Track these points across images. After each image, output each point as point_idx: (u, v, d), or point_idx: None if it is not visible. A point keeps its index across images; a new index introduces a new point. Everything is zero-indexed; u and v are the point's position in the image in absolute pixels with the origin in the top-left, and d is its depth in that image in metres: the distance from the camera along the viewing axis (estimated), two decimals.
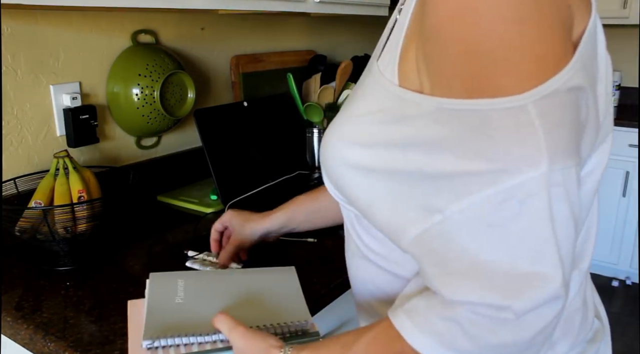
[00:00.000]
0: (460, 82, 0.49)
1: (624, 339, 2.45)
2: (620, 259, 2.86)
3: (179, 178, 1.50)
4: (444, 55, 0.49)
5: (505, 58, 0.46)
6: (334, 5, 1.52)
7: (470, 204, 0.48)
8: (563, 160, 0.47)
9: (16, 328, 0.84)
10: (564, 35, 0.48)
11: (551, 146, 0.46)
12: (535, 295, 0.47)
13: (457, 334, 0.49)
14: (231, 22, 1.62)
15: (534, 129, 0.46)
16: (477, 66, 0.47)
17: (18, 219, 1.00)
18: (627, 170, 2.74)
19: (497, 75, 0.47)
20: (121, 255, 1.09)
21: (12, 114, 1.13)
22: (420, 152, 0.51)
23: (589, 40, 0.51)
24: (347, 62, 1.77)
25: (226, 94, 1.66)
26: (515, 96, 0.46)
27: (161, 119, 1.32)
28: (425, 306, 0.52)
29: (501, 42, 0.46)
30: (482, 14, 0.46)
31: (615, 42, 3.14)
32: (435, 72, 0.51)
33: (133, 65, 1.28)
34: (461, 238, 0.49)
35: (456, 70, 0.49)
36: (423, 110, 0.52)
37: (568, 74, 0.47)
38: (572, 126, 0.48)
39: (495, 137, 0.47)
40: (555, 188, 0.47)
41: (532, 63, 0.46)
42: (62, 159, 1.07)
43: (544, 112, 0.46)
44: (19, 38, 1.12)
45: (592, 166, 0.60)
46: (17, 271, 1.01)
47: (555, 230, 0.48)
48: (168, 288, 0.73)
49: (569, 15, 0.49)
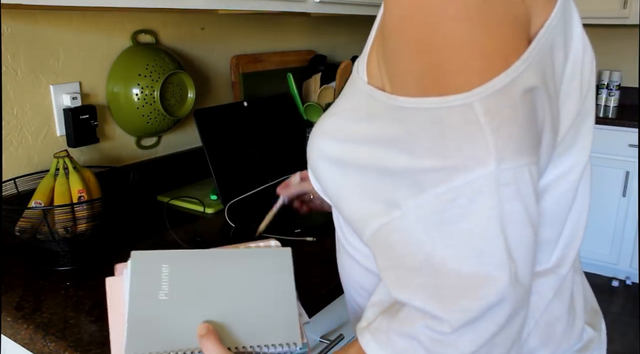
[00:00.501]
0: (413, 80, 0.49)
1: (624, 339, 2.45)
2: (620, 259, 2.86)
3: (179, 178, 1.50)
4: (398, 54, 0.50)
5: (452, 56, 0.47)
6: (334, 5, 1.52)
7: (424, 200, 0.49)
8: (514, 158, 0.46)
9: (16, 328, 0.84)
10: (515, 32, 0.48)
11: (499, 144, 0.46)
12: (471, 304, 0.47)
13: (417, 350, 0.50)
14: (231, 22, 1.62)
15: (480, 127, 0.46)
16: (427, 65, 0.48)
17: (18, 219, 1.00)
18: (627, 170, 2.74)
19: (445, 73, 0.47)
20: (121, 255, 1.09)
21: (12, 114, 1.13)
22: (381, 149, 0.53)
23: (546, 35, 0.50)
24: (347, 62, 1.77)
25: (226, 94, 1.66)
26: (462, 93, 0.46)
27: (161, 119, 1.32)
28: (388, 323, 0.54)
29: (448, 41, 0.46)
30: (431, 13, 0.46)
31: (615, 42, 3.14)
32: (392, 71, 0.52)
33: (133, 65, 1.28)
34: (416, 234, 0.50)
35: (409, 69, 0.49)
36: (384, 108, 0.53)
37: (517, 71, 0.47)
38: (525, 124, 0.47)
39: (446, 135, 0.47)
40: (506, 187, 0.47)
41: (479, 60, 0.46)
42: (62, 159, 1.07)
43: (490, 110, 0.46)
44: (19, 38, 1.12)
45: (567, 167, 0.58)
46: (17, 271, 1.01)
47: (505, 230, 0.47)
48: (151, 278, 0.66)
49: (523, 12, 0.49)
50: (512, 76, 0.46)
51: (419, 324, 0.50)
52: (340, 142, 0.59)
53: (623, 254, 2.85)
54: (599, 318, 0.72)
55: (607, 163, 2.77)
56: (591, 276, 2.98)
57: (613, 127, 2.73)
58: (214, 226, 1.23)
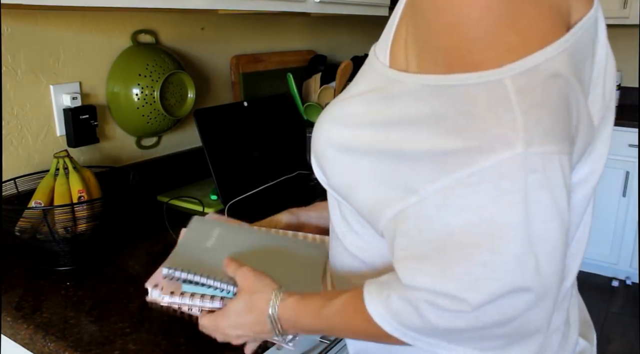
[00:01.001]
0: (442, 56, 0.47)
1: (624, 339, 2.45)
2: (620, 259, 2.86)
3: (179, 178, 1.50)
4: (429, 29, 0.48)
5: (487, 31, 0.44)
6: (334, 5, 1.52)
7: (444, 185, 0.46)
8: (543, 144, 0.43)
9: (16, 328, 0.84)
10: (553, 14, 0.46)
11: (529, 126, 0.43)
12: (492, 288, 0.45)
13: (411, 316, 0.49)
14: (231, 22, 1.62)
15: (510, 105, 0.43)
16: (459, 39, 0.46)
17: (18, 219, 1.00)
18: (627, 170, 2.74)
19: (477, 48, 0.45)
20: (121, 255, 1.09)
21: (12, 114, 1.13)
22: (400, 131, 0.50)
23: (583, 30, 0.48)
24: (347, 62, 1.77)
25: (226, 94, 1.66)
26: (493, 70, 0.44)
27: (161, 119, 1.32)
28: (392, 282, 0.52)
29: (483, 14, 0.44)
30: None
31: (615, 42, 3.13)
32: (421, 48, 0.51)
33: (133, 65, 1.28)
34: (433, 221, 0.47)
35: (439, 44, 0.47)
36: (406, 88, 0.51)
37: (554, 52, 0.45)
38: (557, 109, 0.44)
39: (474, 113, 0.44)
40: (533, 174, 0.44)
41: (515, 36, 0.44)
42: (62, 159, 1.07)
43: (521, 88, 0.43)
44: (19, 38, 1.12)
45: (586, 174, 0.55)
46: (17, 271, 1.01)
47: (529, 218, 0.44)
48: (204, 232, 0.80)
49: (564, 2, 0.47)
50: (547, 56, 0.44)
51: (419, 293, 0.48)
52: (352, 128, 0.56)
53: (623, 254, 2.84)
54: (591, 329, 0.71)
55: (607, 163, 2.73)
56: (591, 276, 2.98)
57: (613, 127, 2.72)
58: None
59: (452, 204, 0.46)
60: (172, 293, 0.71)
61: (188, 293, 0.71)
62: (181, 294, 0.71)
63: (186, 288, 0.71)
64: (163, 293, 0.71)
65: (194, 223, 0.81)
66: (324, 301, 0.60)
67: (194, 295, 0.71)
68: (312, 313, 0.61)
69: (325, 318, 0.60)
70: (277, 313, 0.63)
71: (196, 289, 0.71)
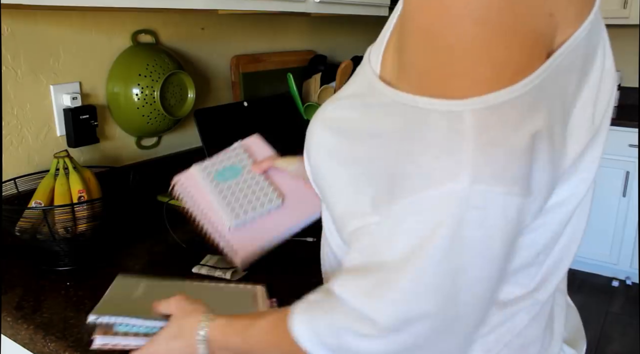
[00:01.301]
0: (415, 75, 0.47)
1: (624, 339, 2.45)
2: (620, 259, 2.86)
3: None
4: (408, 45, 0.48)
5: (461, 58, 0.43)
6: (334, 5, 1.52)
7: (396, 209, 0.47)
8: (489, 183, 0.43)
9: (16, 328, 0.84)
10: (533, 46, 0.44)
11: (479, 162, 0.42)
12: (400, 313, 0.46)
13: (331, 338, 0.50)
14: (231, 22, 1.62)
15: (463, 139, 0.42)
16: (433, 61, 0.45)
17: (18, 219, 1.00)
18: (627, 170, 2.74)
19: (449, 74, 0.44)
20: (121, 255, 1.09)
21: (12, 114, 1.13)
22: (371, 145, 0.51)
23: (564, 56, 0.46)
24: (347, 62, 1.78)
25: (226, 94, 1.66)
26: (457, 100, 0.43)
27: (161, 119, 1.32)
28: (320, 302, 0.53)
29: (460, 41, 0.43)
30: (449, 8, 0.43)
31: (615, 42, 3.12)
32: (401, 63, 0.50)
33: (133, 65, 1.28)
34: (383, 243, 0.48)
35: (415, 62, 0.47)
36: (381, 100, 0.51)
37: (522, 90, 0.43)
38: (516, 150, 0.43)
39: (429, 140, 0.44)
40: (472, 211, 0.43)
41: (487, 68, 0.43)
42: (62, 159, 1.07)
43: (480, 125, 0.42)
44: (19, 38, 1.12)
45: (563, 197, 0.53)
46: (17, 271, 1.01)
47: (452, 252, 0.44)
48: (129, 286, 0.82)
49: (549, 24, 0.45)
50: (513, 95, 0.43)
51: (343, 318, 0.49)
52: (336, 134, 0.57)
53: (623, 254, 2.85)
54: (582, 337, 0.70)
55: (607, 163, 2.77)
56: (591, 276, 2.98)
57: (613, 127, 2.73)
58: None
59: (399, 228, 0.47)
60: (105, 332, 0.71)
61: (121, 332, 0.71)
62: (114, 333, 0.71)
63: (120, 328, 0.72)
64: (96, 334, 0.71)
65: (118, 279, 0.84)
66: (251, 321, 0.61)
67: (128, 334, 0.71)
68: (240, 332, 0.61)
69: (251, 337, 0.59)
70: (207, 335, 0.62)
71: (128, 329, 0.72)
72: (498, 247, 0.45)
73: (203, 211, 0.86)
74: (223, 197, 0.85)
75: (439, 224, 0.44)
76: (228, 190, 0.87)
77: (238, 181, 0.88)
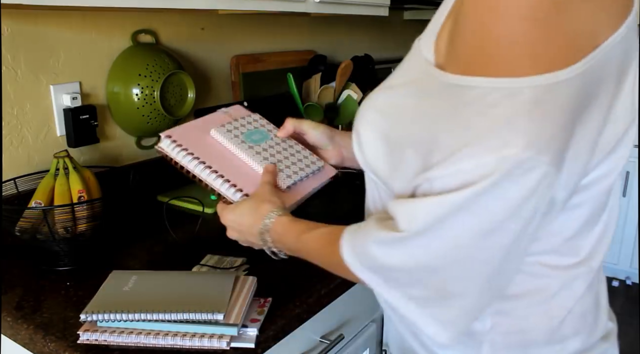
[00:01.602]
0: (465, 58, 0.53)
1: (624, 339, 2.44)
2: (620, 259, 2.86)
3: (179, 178, 1.49)
4: (461, 31, 0.54)
5: (507, 49, 0.49)
6: (334, 5, 1.52)
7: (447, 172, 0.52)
8: (538, 151, 0.48)
9: (16, 328, 0.84)
10: (571, 45, 0.49)
11: (531, 132, 0.48)
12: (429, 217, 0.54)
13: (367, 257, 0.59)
14: (231, 22, 1.62)
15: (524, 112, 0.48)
16: (481, 48, 0.51)
17: (18, 219, 1.00)
18: (627, 170, 2.74)
19: (497, 60, 0.50)
20: (121, 255, 1.09)
21: (12, 114, 1.13)
22: (428, 128, 0.56)
23: (602, 54, 0.51)
24: (347, 62, 1.77)
25: (226, 94, 1.66)
26: (513, 78, 0.48)
27: (161, 119, 1.32)
28: (367, 230, 0.61)
29: (507, 34, 0.49)
30: (500, 4, 0.49)
31: None
32: (452, 48, 0.56)
33: (133, 65, 1.28)
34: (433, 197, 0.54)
35: (465, 46, 0.53)
36: (435, 84, 0.56)
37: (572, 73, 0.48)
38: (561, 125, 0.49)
39: (487, 114, 0.49)
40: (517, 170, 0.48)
41: (527, 60, 0.49)
42: (62, 159, 1.07)
43: (537, 100, 0.48)
44: (19, 38, 1.12)
45: (606, 171, 0.59)
46: (17, 271, 1.01)
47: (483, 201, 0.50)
48: (122, 279, 0.87)
49: (588, 27, 0.50)
50: (565, 76, 0.48)
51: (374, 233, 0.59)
52: (390, 119, 0.62)
53: (623, 254, 2.85)
54: (612, 313, 0.78)
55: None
56: None
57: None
58: (214, 225, 1.22)
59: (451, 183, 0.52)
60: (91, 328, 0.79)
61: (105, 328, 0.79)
62: (99, 329, 0.78)
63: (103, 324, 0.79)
64: (81, 330, 0.79)
65: (112, 276, 0.90)
66: (310, 227, 0.72)
67: (112, 329, 0.78)
68: (297, 233, 0.72)
69: (304, 240, 0.71)
70: (270, 225, 0.74)
71: (111, 324, 0.79)
72: (529, 209, 0.51)
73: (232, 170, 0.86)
74: (263, 158, 0.88)
75: (484, 176, 0.49)
76: (266, 152, 0.89)
77: (271, 144, 0.92)
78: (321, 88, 1.75)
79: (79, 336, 0.78)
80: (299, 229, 0.72)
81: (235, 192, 0.83)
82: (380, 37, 2.37)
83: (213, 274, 0.94)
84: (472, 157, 0.50)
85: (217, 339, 0.76)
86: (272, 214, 0.75)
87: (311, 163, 0.92)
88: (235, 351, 0.77)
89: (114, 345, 0.77)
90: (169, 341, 0.76)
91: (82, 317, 0.78)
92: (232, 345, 0.77)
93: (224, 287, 0.84)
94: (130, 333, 0.77)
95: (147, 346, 0.77)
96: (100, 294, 0.84)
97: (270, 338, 0.82)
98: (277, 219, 0.74)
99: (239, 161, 0.89)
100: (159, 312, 0.77)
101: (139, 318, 0.78)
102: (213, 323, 0.78)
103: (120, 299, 0.81)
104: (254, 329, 0.79)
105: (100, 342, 0.77)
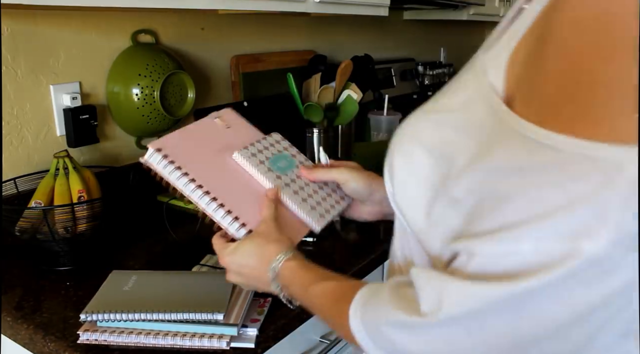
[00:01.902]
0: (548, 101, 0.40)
1: None
2: None
3: None
4: (546, 61, 0.41)
5: (612, 100, 0.37)
6: (334, 5, 1.52)
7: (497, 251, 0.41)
8: (629, 247, 0.36)
9: (16, 328, 0.84)
10: None
11: (623, 222, 0.35)
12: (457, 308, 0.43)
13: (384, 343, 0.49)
14: (231, 22, 1.62)
15: (614, 193, 0.35)
16: (572, 95, 0.38)
17: (18, 219, 1.00)
18: None
19: (599, 111, 0.37)
20: (121, 255, 1.09)
21: (12, 114, 1.13)
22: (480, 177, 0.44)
23: None
24: (347, 62, 1.77)
25: (226, 94, 1.66)
26: (618, 146, 0.35)
27: (161, 119, 1.32)
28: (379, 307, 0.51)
29: (618, 81, 0.37)
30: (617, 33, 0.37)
31: None
32: (530, 80, 0.43)
33: (133, 65, 1.28)
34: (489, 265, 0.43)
35: (550, 87, 0.40)
36: (505, 128, 0.43)
37: None
38: None
39: (564, 185, 0.37)
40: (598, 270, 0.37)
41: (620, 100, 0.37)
42: (62, 159, 1.07)
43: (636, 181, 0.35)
44: (19, 38, 1.12)
45: None
46: (17, 271, 1.01)
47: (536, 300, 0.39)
48: (122, 279, 0.88)
49: None
50: None
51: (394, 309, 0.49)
52: (438, 159, 0.50)
53: None
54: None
55: None
56: None
57: None
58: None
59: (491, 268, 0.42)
60: (90, 328, 0.79)
61: (104, 328, 0.79)
62: (98, 329, 0.79)
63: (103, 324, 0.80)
64: (81, 330, 0.79)
65: (112, 275, 0.90)
66: (315, 279, 0.63)
67: (111, 329, 0.78)
68: (302, 285, 0.64)
69: (312, 294, 0.62)
70: (278, 270, 0.66)
71: (111, 324, 0.79)
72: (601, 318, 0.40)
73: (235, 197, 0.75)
74: (293, 192, 0.77)
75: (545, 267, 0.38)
76: (294, 183, 0.79)
77: (298, 174, 0.81)
78: (321, 88, 1.75)
79: (79, 336, 0.78)
80: (308, 279, 0.64)
81: (239, 229, 0.72)
82: (380, 37, 2.37)
83: (213, 274, 0.94)
84: (534, 239, 0.38)
85: (217, 339, 0.77)
86: (280, 257, 0.67)
87: (340, 199, 0.82)
88: (235, 351, 0.77)
89: (114, 345, 0.77)
90: (169, 341, 0.77)
91: (82, 317, 0.78)
92: (232, 345, 0.77)
93: (224, 287, 0.84)
94: (130, 333, 0.77)
95: (147, 346, 0.77)
96: (100, 294, 0.84)
97: (270, 337, 0.82)
98: (285, 264, 0.66)
99: (246, 186, 0.77)
100: (158, 312, 0.78)
101: (138, 317, 0.78)
102: (213, 323, 0.78)
103: (120, 299, 0.81)
104: (254, 329, 0.80)
105: (100, 342, 0.78)
